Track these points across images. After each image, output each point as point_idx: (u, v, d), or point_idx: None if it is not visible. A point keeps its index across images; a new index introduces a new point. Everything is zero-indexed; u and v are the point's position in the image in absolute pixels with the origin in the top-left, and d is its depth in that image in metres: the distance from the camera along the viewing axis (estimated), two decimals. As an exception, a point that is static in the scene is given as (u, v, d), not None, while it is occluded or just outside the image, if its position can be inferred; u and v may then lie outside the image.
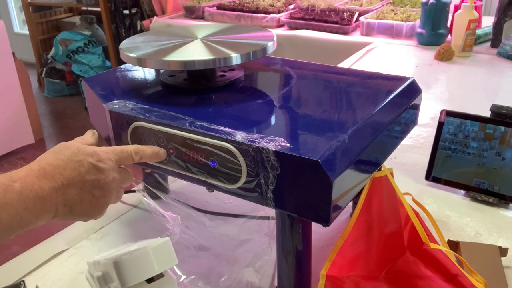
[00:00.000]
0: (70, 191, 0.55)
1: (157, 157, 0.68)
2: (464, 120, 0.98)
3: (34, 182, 0.52)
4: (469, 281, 0.70)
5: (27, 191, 0.51)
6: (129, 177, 0.66)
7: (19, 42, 4.81)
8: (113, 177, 0.60)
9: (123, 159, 0.63)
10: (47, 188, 0.53)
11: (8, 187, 0.50)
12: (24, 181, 0.51)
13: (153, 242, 0.68)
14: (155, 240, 0.69)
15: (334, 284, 0.67)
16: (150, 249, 0.64)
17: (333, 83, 0.86)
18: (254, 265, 0.80)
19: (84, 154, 0.58)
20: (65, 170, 0.55)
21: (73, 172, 0.56)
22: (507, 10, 1.86)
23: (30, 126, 3.15)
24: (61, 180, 0.54)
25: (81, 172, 0.56)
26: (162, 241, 0.67)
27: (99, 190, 0.58)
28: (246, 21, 2.50)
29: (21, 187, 0.50)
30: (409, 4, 2.33)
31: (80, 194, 0.56)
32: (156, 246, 0.65)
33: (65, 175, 0.55)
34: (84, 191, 0.56)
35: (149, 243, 0.67)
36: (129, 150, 0.64)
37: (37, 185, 0.52)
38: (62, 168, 0.55)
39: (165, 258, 0.66)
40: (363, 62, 1.83)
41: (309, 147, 0.60)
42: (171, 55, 0.77)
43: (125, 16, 3.62)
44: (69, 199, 0.55)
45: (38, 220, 0.52)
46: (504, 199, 0.95)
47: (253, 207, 0.84)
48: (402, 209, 0.75)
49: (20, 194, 0.50)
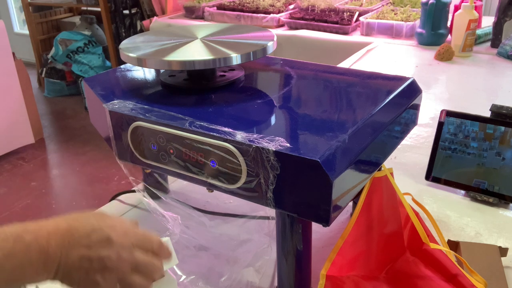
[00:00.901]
0: (73, 252, 0.53)
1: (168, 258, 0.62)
2: (464, 120, 0.98)
3: (44, 236, 0.52)
4: (469, 281, 0.70)
5: (35, 244, 0.51)
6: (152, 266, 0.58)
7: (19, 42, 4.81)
8: (120, 255, 0.55)
9: (143, 244, 0.58)
10: (54, 244, 0.52)
11: (19, 237, 0.50)
12: (36, 234, 0.52)
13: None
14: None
15: (334, 284, 0.67)
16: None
17: (333, 83, 0.86)
18: (254, 265, 0.80)
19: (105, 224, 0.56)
20: (78, 231, 0.54)
21: (84, 235, 0.54)
22: (507, 10, 1.86)
23: (30, 126, 3.15)
24: (69, 240, 0.53)
25: (91, 238, 0.54)
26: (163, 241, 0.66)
27: (98, 262, 0.54)
28: (246, 21, 2.50)
29: (31, 239, 0.51)
30: (409, 4, 2.33)
31: (80, 260, 0.54)
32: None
33: (75, 236, 0.54)
34: (84, 258, 0.54)
35: None
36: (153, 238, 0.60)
37: (46, 240, 0.52)
38: (76, 229, 0.54)
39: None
40: (363, 62, 1.83)
41: (309, 147, 0.60)
42: (171, 55, 0.77)
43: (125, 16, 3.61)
44: (69, 261, 0.53)
45: (37, 276, 0.52)
46: (504, 199, 0.95)
47: (253, 207, 0.84)
48: (402, 209, 0.75)
49: (28, 247, 0.50)
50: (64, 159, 3.13)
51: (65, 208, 2.59)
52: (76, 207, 2.58)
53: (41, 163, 3.05)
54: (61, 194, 2.77)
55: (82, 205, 2.58)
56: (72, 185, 2.86)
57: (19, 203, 2.62)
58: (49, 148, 3.28)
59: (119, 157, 0.79)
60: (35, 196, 2.69)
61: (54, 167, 3.07)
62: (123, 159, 0.79)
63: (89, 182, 2.81)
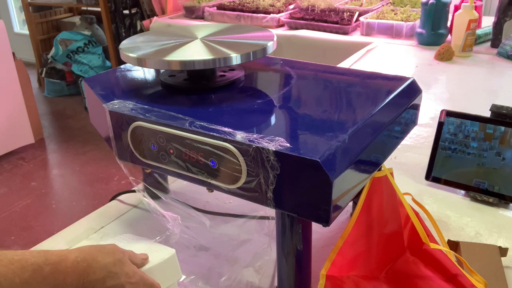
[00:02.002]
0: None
1: None
2: (464, 120, 0.98)
3: (63, 271, 0.53)
4: (469, 281, 0.70)
5: (51, 278, 0.52)
6: None
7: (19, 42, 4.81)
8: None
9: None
10: (69, 282, 0.54)
11: (39, 268, 0.52)
12: (56, 267, 0.53)
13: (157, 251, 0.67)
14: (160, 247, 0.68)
15: (334, 284, 0.67)
16: (156, 265, 0.64)
17: (333, 83, 0.86)
18: (254, 265, 0.80)
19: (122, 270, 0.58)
20: (95, 273, 0.56)
21: (100, 279, 0.56)
22: (507, 10, 1.86)
23: (30, 126, 3.15)
24: (84, 281, 0.55)
25: (106, 283, 0.56)
26: (168, 256, 0.66)
27: None
28: (246, 21, 2.50)
29: (49, 272, 0.52)
30: (409, 4, 2.33)
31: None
32: (162, 262, 0.65)
33: (92, 278, 0.55)
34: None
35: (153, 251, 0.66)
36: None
37: (63, 276, 0.53)
38: (94, 270, 0.56)
39: (170, 273, 0.66)
40: (363, 62, 1.83)
41: (309, 147, 0.60)
42: (171, 55, 0.77)
43: (125, 16, 3.61)
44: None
45: None
46: (504, 199, 0.95)
47: (253, 207, 0.84)
48: (402, 209, 0.75)
49: (45, 278, 0.52)
50: (64, 159, 3.13)
51: (65, 208, 2.59)
52: (76, 207, 2.58)
53: (41, 163, 3.05)
54: (61, 194, 2.77)
55: (82, 205, 2.58)
56: (72, 185, 2.86)
57: (19, 203, 2.62)
58: (49, 148, 3.28)
59: (119, 157, 0.79)
60: (35, 196, 2.69)
61: (54, 167, 3.06)
62: (123, 159, 0.79)
63: (89, 182, 2.80)
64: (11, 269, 0.50)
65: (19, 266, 0.51)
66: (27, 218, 2.48)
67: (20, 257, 0.52)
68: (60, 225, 2.48)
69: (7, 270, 0.50)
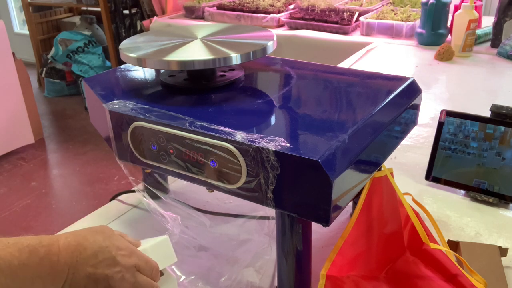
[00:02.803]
0: (80, 272, 0.55)
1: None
2: (464, 120, 0.98)
3: (56, 252, 0.54)
4: (469, 281, 0.70)
5: (47, 260, 0.53)
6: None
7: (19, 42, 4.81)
8: (123, 276, 0.57)
9: (143, 268, 0.60)
10: (63, 261, 0.54)
11: (35, 250, 0.52)
12: (49, 249, 0.53)
13: (151, 240, 0.68)
14: (154, 238, 0.69)
15: (334, 284, 0.67)
16: (149, 247, 0.64)
17: (333, 83, 0.86)
18: (254, 265, 0.80)
19: (111, 242, 0.58)
20: (86, 250, 0.56)
21: (91, 254, 0.56)
22: (507, 10, 1.86)
23: (30, 126, 3.15)
24: (77, 258, 0.55)
25: (98, 257, 0.56)
26: (161, 239, 0.67)
27: (104, 282, 0.56)
28: (246, 21, 2.50)
29: (44, 254, 0.53)
30: (409, 4, 2.33)
31: (86, 279, 0.55)
32: (155, 244, 0.65)
33: (83, 255, 0.56)
34: (90, 278, 0.56)
35: (147, 241, 0.67)
36: (152, 263, 0.62)
37: (57, 256, 0.54)
38: (84, 247, 0.56)
39: (164, 256, 0.66)
40: (363, 62, 1.83)
41: (309, 147, 0.60)
42: (171, 55, 0.77)
43: (125, 16, 3.61)
44: (75, 280, 0.55)
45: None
46: (504, 199, 0.95)
47: (253, 207, 0.84)
48: (402, 209, 0.75)
49: (41, 260, 0.52)
50: (64, 159, 3.13)
51: (65, 208, 2.59)
52: (76, 207, 2.58)
53: (41, 163, 3.05)
54: (61, 194, 2.77)
55: (82, 205, 2.58)
56: (72, 185, 2.86)
57: (19, 203, 2.62)
58: (49, 148, 3.28)
59: (119, 157, 0.79)
60: (35, 196, 2.69)
61: (54, 167, 3.06)
62: (123, 159, 0.79)
63: (89, 182, 2.81)
64: (8, 252, 0.50)
65: (16, 249, 0.51)
66: (27, 218, 2.48)
67: (15, 241, 0.52)
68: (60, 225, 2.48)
69: (5, 253, 0.50)
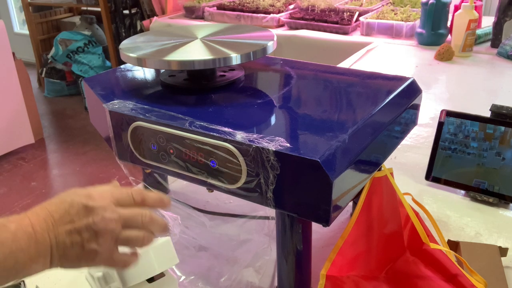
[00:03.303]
0: (60, 233, 0.54)
1: (161, 204, 0.61)
2: (464, 120, 0.98)
3: (28, 224, 0.52)
4: (469, 281, 0.70)
5: (21, 232, 0.51)
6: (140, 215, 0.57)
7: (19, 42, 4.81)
8: (103, 216, 0.54)
9: (120, 199, 0.58)
10: (39, 229, 0.53)
11: (3, 227, 0.51)
12: (19, 223, 0.52)
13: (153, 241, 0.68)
14: (156, 239, 0.69)
15: (334, 284, 0.67)
16: (151, 248, 0.64)
17: (333, 83, 0.86)
18: (254, 265, 0.80)
19: (78, 195, 0.56)
20: (56, 212, 0.54)
21: (63, 213, 0.54)
22: (507, 10, 1.86)
23: (30, 126, 3.15)
24: (52, 222, 0.54)
25: (70, 213, 0.54)
26: (163, 240, 0.67)
27: (87, 231, 0.54)
28: (246, 21, 2.50)
29: (16, 227, 0.51)
30: (409, 4, 2.33)
31: (70, 236, 0.54)
32: (157, 245, 0.65)
33: (56, 217, 0.54)
34: (73, 233, 0.54)
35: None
36: (129, 190, 0.60)
37: (30, 227, 0.52)
38: (54, 210, 0.55)
39: (166, 257, 0.66)
40: (363, 62, 1.83)
41: (309, 147, 0.60)
42: (171, 55, 0.77)
43: (125, 16, 3.61)
44: (60, 242, 0.54)
45: (33, 264, 0.52)
46: (504, 199, 0.95)
47: (253, 207, 0.84)
48: (402, 209, 0.75)
49: (14, 234, 0.51)
50: (64, 159, 3.13)
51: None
52: (76, 207, 2.58)
53: (41, 163, 3.05)
54: (61, 194, 2.77)
55: (82, 205, 2.58)
56: (72, 185, 2.85)
57: (19, 203, 2.62)
58: (49, 148, 3.28)
59: (119, 157, 0.79)
60: (35, 196, 2.69)
61: (54, 167, 3.06)
62: (123, 159, 0.79)
63: (89, 182, 2.80)
64: None
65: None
66: (27, 218, 2.48)
67: None
68: (60, 225, 2.47)
69: None
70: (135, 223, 0.57)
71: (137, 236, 0.57)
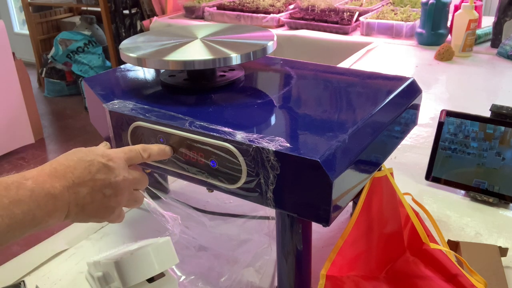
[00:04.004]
0: (81, 189, 0.55)
1: (164, 154, 0.68)
2: (464, 120, 0.98)
3: (45, 180, 0.53)
4: (469, 281, 0.70)
5: (38, 189, 0.52)
6: (143, 178, 0.65)
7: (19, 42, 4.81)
8: (124, 176, 0.60)
9: (132, 157, 0.63)
10: (58, 186, 0.53)
11: (21, 184, 0.51)
12: (36, 179, 0.53)
13: (153, 241, 0.68)
14: (156, 239, 0.69)
15: (334, 284, 0.67)
16: (151, 248, 0.64)
17: (333, 83, 0.86)
18: (254, 265, 0.80)
19: (95, 154, 0.59)
20: (76, 169, 0.56)
21: (83, 171, 0.56)
22: (507, 10, 1.86)
23: (30, 126, 3.15)
24: (72, 179, 0.55)
25: (91, 171, 0.57)
26: (163, 240, 0.67)
27: (109, 189, 0.58)
28: (246, 21, 2.50)
29: (33, 184, 0.52)
30: (409, 4, 2.33)
31: (91, 193, 0.56)
32: (157, 245, 0.65)
33: (76, 174, 0.56)
34: (94, 190, 0.56)
35: (149, 243, 0.67)
36: (137, 148, 0.65)
37: (49, 183, 0.53)
38: (73, 167, 0.56)
39: (166, 257, 0.66)
40: (363, 62, 1.83)
41: (309, 147, 0.60)
42: (171, 55, 0.77)
43: (125, 16, 3.62)
44: (80, 198, 0.55)
45: (50, 219, 0.53)
46: (504, 199, 0.95)
47: (253, 207, 0.84)
48: (402, 209, 0.75)
49: (32, 191, 0.51)
50: (64, 159, 3.13)
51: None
52: (76, 207, 2.58)
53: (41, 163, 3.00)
54: (61, 194, 2.76)
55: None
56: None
57: (19, 203, 2.61)
58: (49, 148, 3.28)
59: (119, 157, 0.79)
60: (35, 196, 2.68)
61: (54, 167, 3.06)
62: (123, 159, 0.78)
63: (89, 182, 2.80)
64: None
65: (1, 188, 0.50)
66: (27, 218, 2.48)
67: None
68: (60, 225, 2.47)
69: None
70: (138, 185, 0.64)
71: (139, 197, 0.65)
